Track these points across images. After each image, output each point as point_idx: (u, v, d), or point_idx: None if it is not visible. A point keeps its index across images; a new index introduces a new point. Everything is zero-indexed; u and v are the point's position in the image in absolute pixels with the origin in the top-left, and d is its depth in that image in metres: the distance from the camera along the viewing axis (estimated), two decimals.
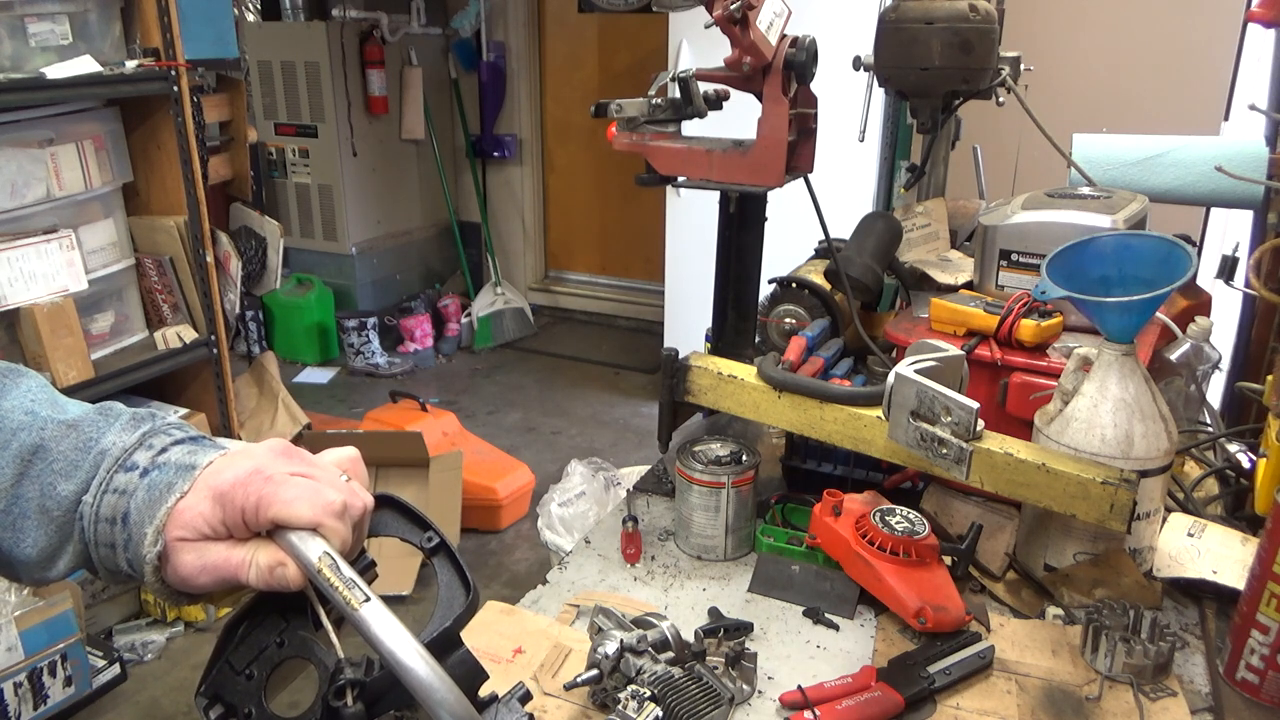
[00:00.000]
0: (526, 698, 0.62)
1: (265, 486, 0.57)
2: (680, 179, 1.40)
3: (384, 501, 0.65)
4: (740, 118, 1.43)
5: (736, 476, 1.16)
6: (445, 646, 0.57)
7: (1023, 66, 1.61)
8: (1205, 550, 1.12)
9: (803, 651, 1.02)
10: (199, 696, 0.59)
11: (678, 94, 1.41)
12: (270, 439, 0.63)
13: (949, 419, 1.01)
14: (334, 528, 0.57)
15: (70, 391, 0.94)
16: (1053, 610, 1.08)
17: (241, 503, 0.57)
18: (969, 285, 1.44)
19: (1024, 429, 1.11)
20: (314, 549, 0.56)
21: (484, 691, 0.60)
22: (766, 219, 1.45)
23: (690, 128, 1.45)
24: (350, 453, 0.65)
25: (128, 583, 0.61)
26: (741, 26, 1.24)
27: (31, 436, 0.60)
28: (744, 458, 1.19)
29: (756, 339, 1.55)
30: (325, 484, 0.59)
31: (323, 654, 0.58)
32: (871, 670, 0.94)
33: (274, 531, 0.57)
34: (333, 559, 0.56)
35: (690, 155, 1.37)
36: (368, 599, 0.55)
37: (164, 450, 0.61)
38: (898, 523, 1.07)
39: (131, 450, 0.60)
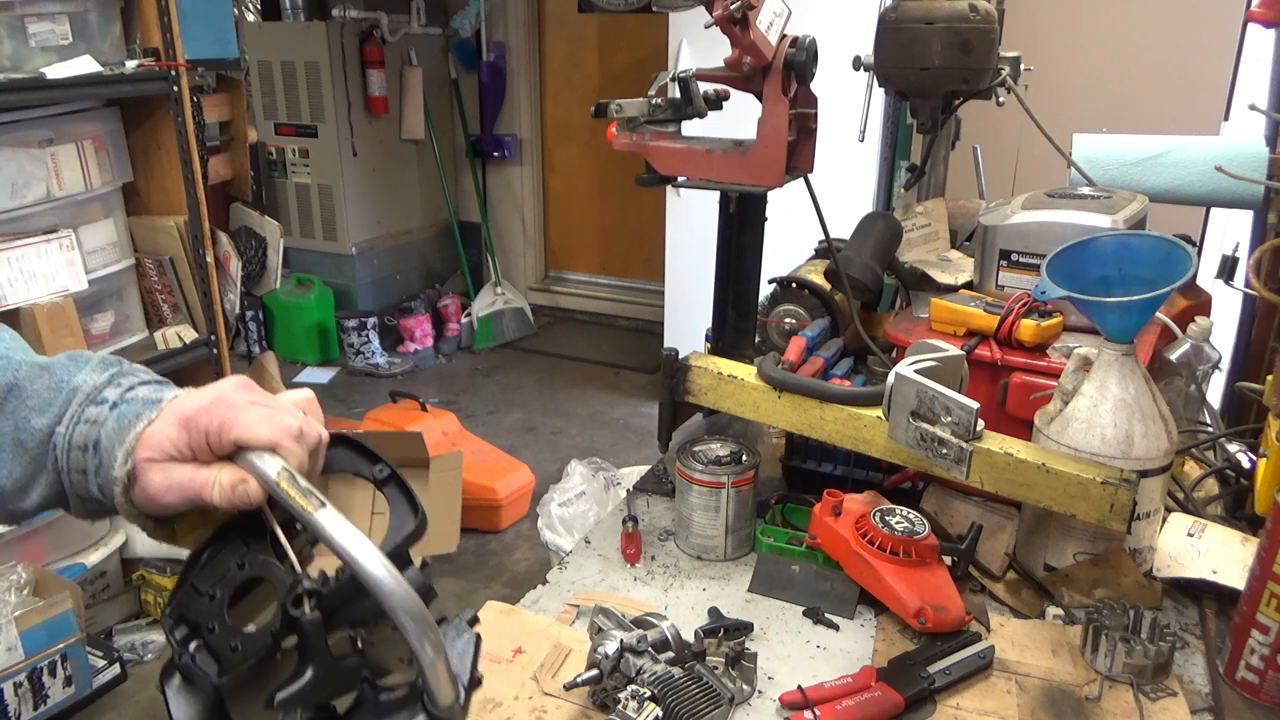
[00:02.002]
0: (475, 620, 0.65)
1: (228, 411, 0.61)
2: (680, 179, 1.40)
3: (338, 439, 0.68)
4: (740, 118, 1.43)
5: (736, 476, 1.16)
6: (396, 562, 0.60)
7: (1023, 66, 1.61)
8: (1205, 550, 1.12)
9: (803, 651, 1.02)
10: (165, 618, 0.62)
11: (678, 94, 1.41)
12: (232, 376, 0.67)
13: (949, 419, 1.01)
14: (291, 448, 0.61)
15: None
16: (1053, 610, 1.08)
17: (205, 425, 0.61)
18: (969, 285, 1.44)
19: (1024, 429, 1.11)
20: (272, 466, 0.60)
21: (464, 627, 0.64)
22: (766, 219, 1.45)
23: (690, 128, 1.45)
24: (306, 393, 0.68)
25: (97, 512, 0.65)
26: (741, 26, 1.24)
27: (6, 377, 0.64)
28: (744, 458, 1.19)
29: (756, 339, 1.55)
30: (282, 411, 0.63)
31: (282, 574, 0.61)
32: (871, 670, 0.94)
33: (235, 454, 0.61)
34: (290, 474, 0.60)
35: (690, 155, 1.37)
36: (324, 505, 0.58)
37: (131, 389, 0.65)
38: (898, 523, 1.07)
39: (101, 388, 0.64)
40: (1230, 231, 2.23)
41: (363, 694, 0.62)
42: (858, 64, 1.66)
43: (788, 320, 1.57)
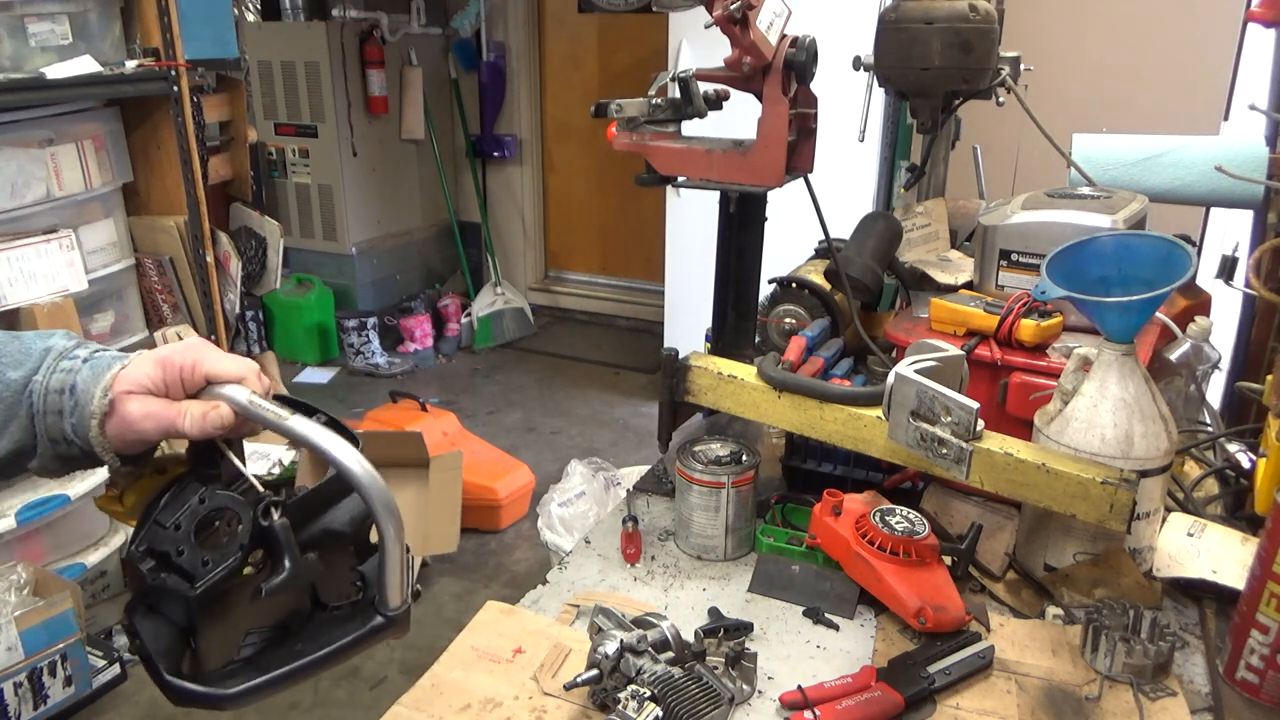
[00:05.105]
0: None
1: (199, 352, 0.70)
2: (680, 179, 1.40)
3: (278, 399, 0.73)
4: (740, 118, 1.43)
5: (736, 476, 1.16)
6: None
7: (1023, 66, 1.61)
8: (1205, 550, 1.12)
9: (803, 651, 1.02)
10: (131, 553, 0.66)
11: (678, 94, 1.41)
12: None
13: (949, 419, 1.01)
14: (254, 382, 0.70)
15: None
16: (1053, 610, 1.08)
17: (179, 363, 0.69)
18: (969, 285, 1.44)
19: (1024, 429, 1.11)
20: (241, 393, 0.68)
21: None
22: (766, 219, 1.45)
23: (690, 128, 1.45)
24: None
25: (64, 456, 0.70)
26: (741, 26, 1.24)
27: None
28: (744, 458, 1.19)
29: (756, 339, 1.55)
30: (243, 357, 0.73)
31: (239, 504, 0.67)
32: (871, 670, 0.94)
33: (204, 390, 0.69)
34: (257, 397, 0.68)
35: (690, 155, 1.37)
36: (294, 414, 0.66)
37: (98, 351, 0.73)
38: (898, 523, 1.07)
39: (73, 349, 0.72)
40: (1230, 231, 2.23)
41: (313, 615, 0.68)
42: (858, 64, 1.66)
43: (788, 320, 1.57)
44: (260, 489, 0.68)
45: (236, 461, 0.70)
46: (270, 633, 0.67)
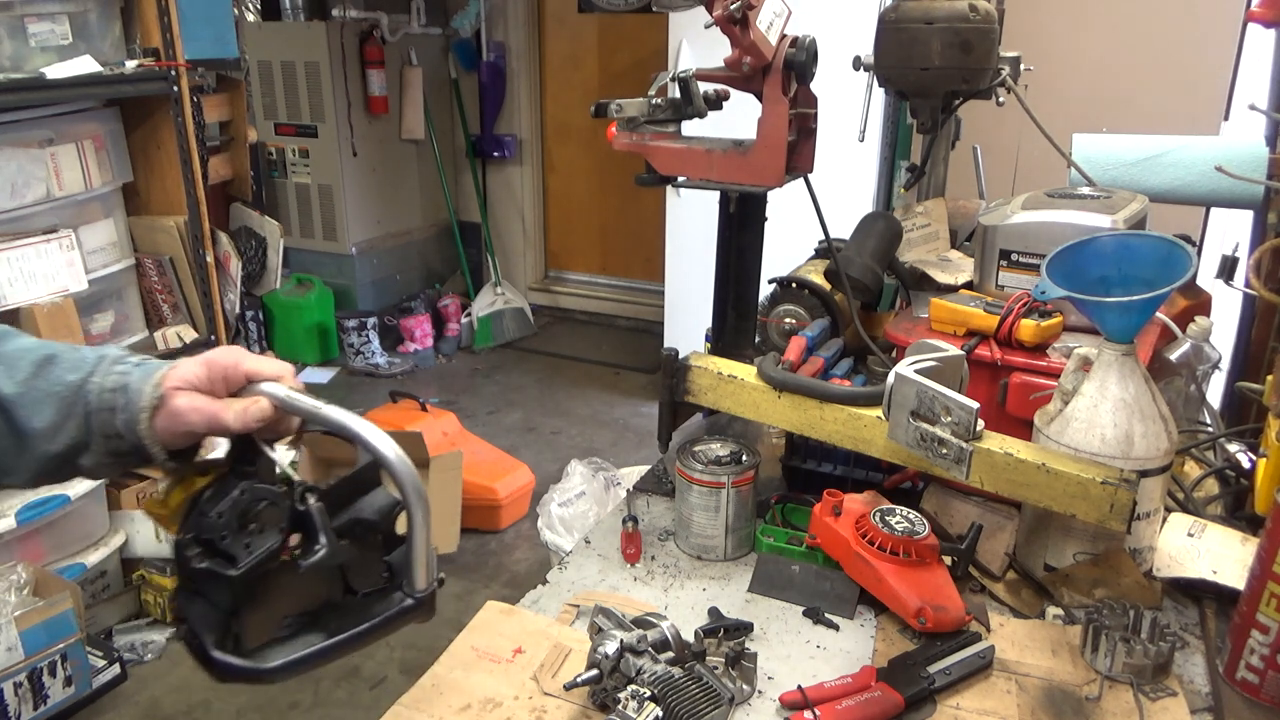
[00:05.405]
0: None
1: (241, 354, 0.77)
2: (680, 179, 1.40)
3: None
4: (740, 118, 1.43)
5: (736, 476, 1.16)
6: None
7: (1023, 66, 1.61)
8: (1205, 550, 1.12)
9: (803, 651, 1.02)
10: (181, 540, 0.71)
11: (678, 94, 1.41)
12: None
13: (949, 419, 1.01)
14: (290, 379, 0.77)
15: None
16: (1053, 610, 1.08)
17: (223, 363, 0.76)
18: (969, 285, 1.44)
19: (1024, 429, 1.11)
20: (279, 387, 0.74)
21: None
22: (766, 219, 1.45)
23: (690, 128, 1.45)
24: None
25: (115, 451, 0.75)
26: (741, 26, 1.24)
27: (45, 350, 0.78)
28: (744, 458, 1.19)
29: (756, 339, 1.55)
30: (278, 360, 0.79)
31: (277, 494, 0.72)
32: (871, 670, 0.94)
33: (245, 388, 0.75)
34: (295, 391, 0.74)
35: (690, 155, 1.37)
36: (329, 405, 0.72)
37: (146, 358, 0.79)
38: (898, 523, 1.07)
39: (125, 356, 0.79)
40: (1230, 231, 2.23)
41: (343, 600, 0.74)
42: (858, 64, 1.66)
43: (788, 320, 1.57)
44: (296, 478, 0.74)
45: (273, 455, 0.75)
46: (306, 617, 0.72)
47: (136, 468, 0.78)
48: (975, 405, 0.99)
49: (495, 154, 5.53)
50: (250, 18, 5.04)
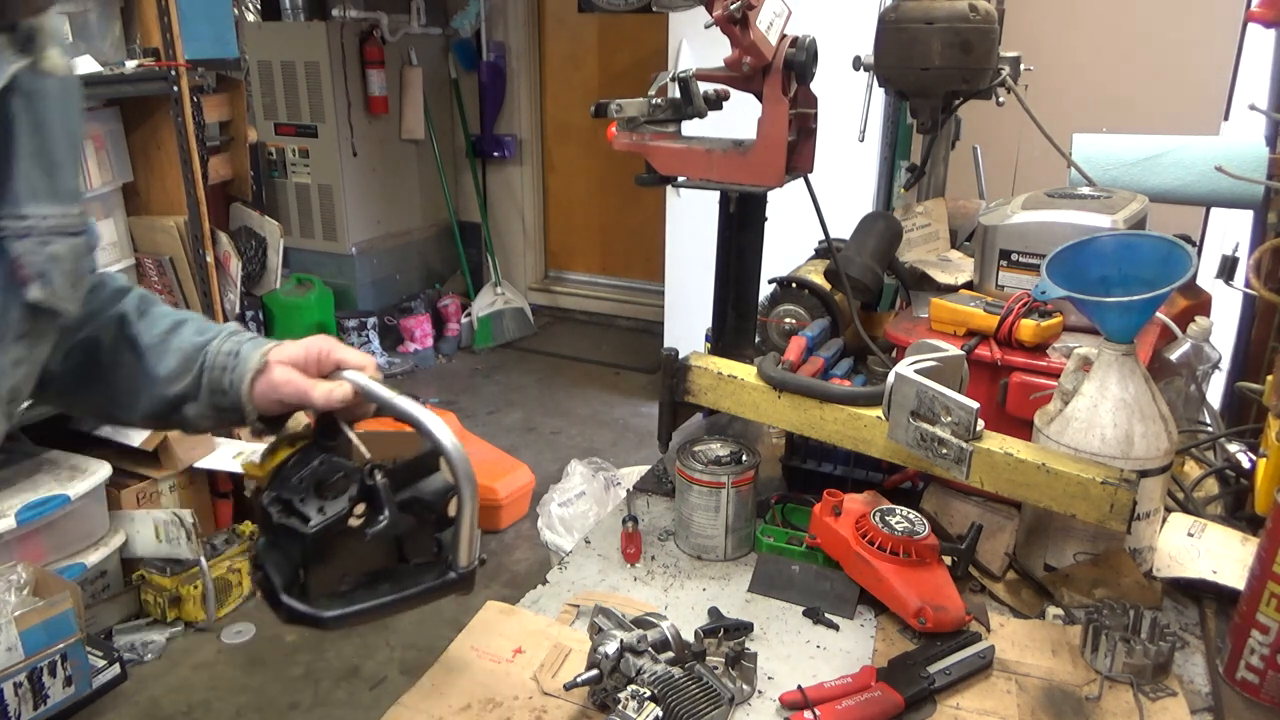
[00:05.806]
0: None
1: (332, 342, 0.88)
2: (680, 179, 1.40)
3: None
4: (740, 118, 1.43)
5: (736, 476, 1.16)
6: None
7: (1023, 66, 1.61)
8: (1205, 550, 1.12)
9: (803, 651, 1.02)
10: (264, 497, 0.80)
11: (678, 94, 1.41)
12: None
13: (949, 419, 1.01)
14: (372, 370, 0.87)
15: None
16: (1053, 610, 1.08)
17: (318, 348, 0.87)
18: (969, 285, 1.44)
19: (1024, 429, 1.11)
20: (362, 376, 0.85)
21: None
22: (766, 219, 1.45)
23: (690, 128, 1.45)
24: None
25: (219, 406, 0.88)
26: (741, 26, 1.24)
27: (181, 316, 0.93)
28: (744, 458, 1.19)
29: (756, 339, 1.55)
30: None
31: (350, 468, 0.81)
32: (871, 670, 0.94)
33: (333, 373, 0.86)
34: (377, 381, 0.84)
35: (690, 155, 1.37)
36: (402, 396, 0.82)
37: (260, 337, 0.92)
38: (898, 523, 1.07)
39: (242, 330, 0.92)
40: (1230, 231, 2.23)
41: (397, 567, 0.83)
42: (858, 64, 1.66)
43: (788, 320, 1.57)
44: (368, 456, 0.83)
45: (351, 435, 0.84)
46: (364, 577, 0.81)
47: (231, 425, 0.90)
48: (975, 405, 0.99)
49: (495, 154, 5.53)
50: (250, 18, 5.04)
